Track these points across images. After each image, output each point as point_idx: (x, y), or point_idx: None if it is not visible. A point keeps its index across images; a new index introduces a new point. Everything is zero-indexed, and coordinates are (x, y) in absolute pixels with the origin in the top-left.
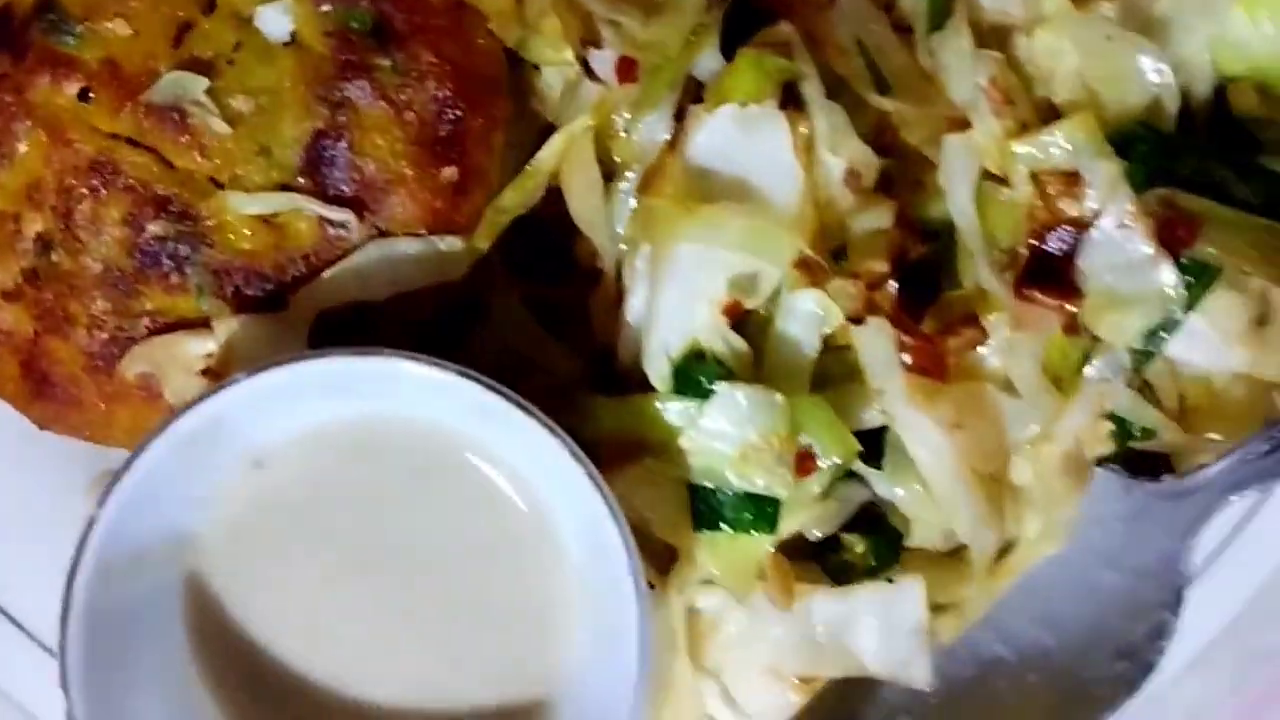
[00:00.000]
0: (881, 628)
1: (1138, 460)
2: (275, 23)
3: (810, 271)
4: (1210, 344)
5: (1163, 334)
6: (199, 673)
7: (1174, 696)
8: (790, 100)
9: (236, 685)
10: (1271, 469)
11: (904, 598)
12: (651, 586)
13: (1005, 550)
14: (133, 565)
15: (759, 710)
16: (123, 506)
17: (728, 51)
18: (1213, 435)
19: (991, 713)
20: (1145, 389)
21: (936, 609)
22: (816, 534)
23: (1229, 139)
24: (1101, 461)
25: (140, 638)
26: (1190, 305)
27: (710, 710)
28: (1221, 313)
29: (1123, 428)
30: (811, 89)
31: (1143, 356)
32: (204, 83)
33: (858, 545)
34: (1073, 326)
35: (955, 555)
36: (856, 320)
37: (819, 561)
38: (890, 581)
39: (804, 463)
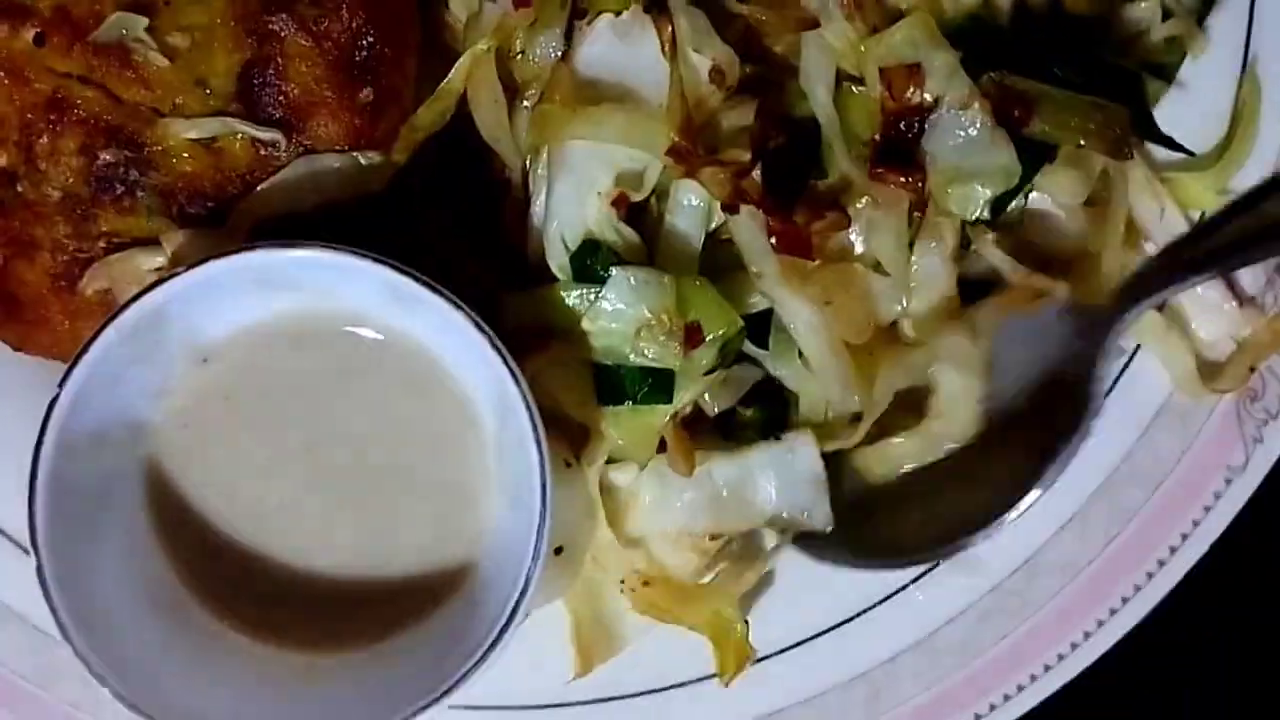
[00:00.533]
0: (780, 482)
1: None
2: None
3: (683, 158)
4: (1052, 219)
5: (1008, 203)
6: (159, 546)
7: (1048, 554)
8: (655, 4)
9: (194, 559)
10: (1164, 283)
11: (797, 452)
12: (568, 464)
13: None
14: (93, 445)
15: (679, 569)
16: (79, 389)
17: None
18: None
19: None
20: None
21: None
22: (715, 409)
23: (1065, 35)
24: None
25: (104, 512)
26: (1028, 179)
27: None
28: (1060, 188)
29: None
30: None
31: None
32: (144, 21)
33: (748, 413)
34: (923, 203)
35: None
36: (731, 209)
37: (720, 433)
38: (779, 439)
39: (692, 336)
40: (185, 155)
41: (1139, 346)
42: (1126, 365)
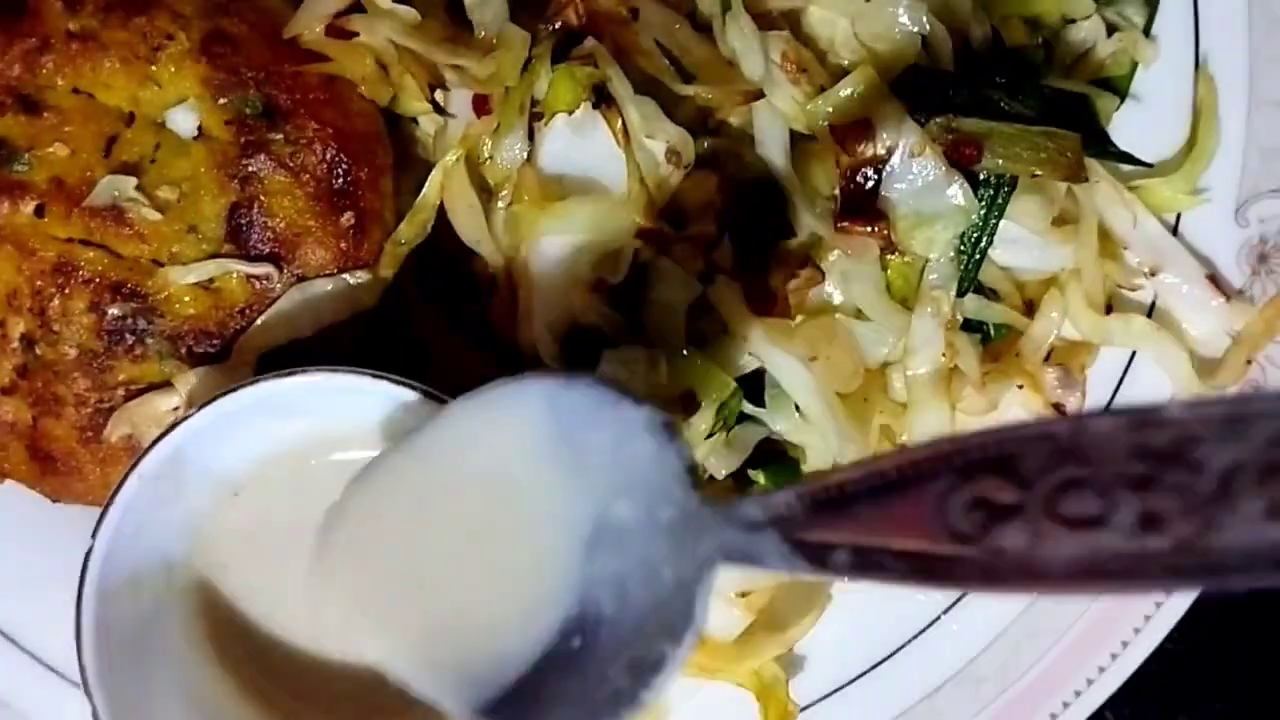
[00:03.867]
0: None
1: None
2: (184, 121)
3: (652, 239)
4: (1029, 244)
5: (975, 239)
6: (208, 668)
7: None
8: (604, 99)
9: (248, 673)
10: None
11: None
12: None
13: None
14: (131, 588)
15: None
16: (111, 539)
17: None
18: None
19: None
20: (991, 295)
21: None
22: (723, 471)
23: (1009, 68)
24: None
25: (150, 646)
26: (998, 213)
27: None
28: (1028, 214)
29: (982, 329)
30: (618, 88)
31: (968, 264)
32: (133, 180)
33: (760, 478)
34: (889, 247)
35: None
36: (706, 280)
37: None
38: None
39: (687, 404)
40: (186, 299)
41: (1134, 354)
42: (1125, 371)
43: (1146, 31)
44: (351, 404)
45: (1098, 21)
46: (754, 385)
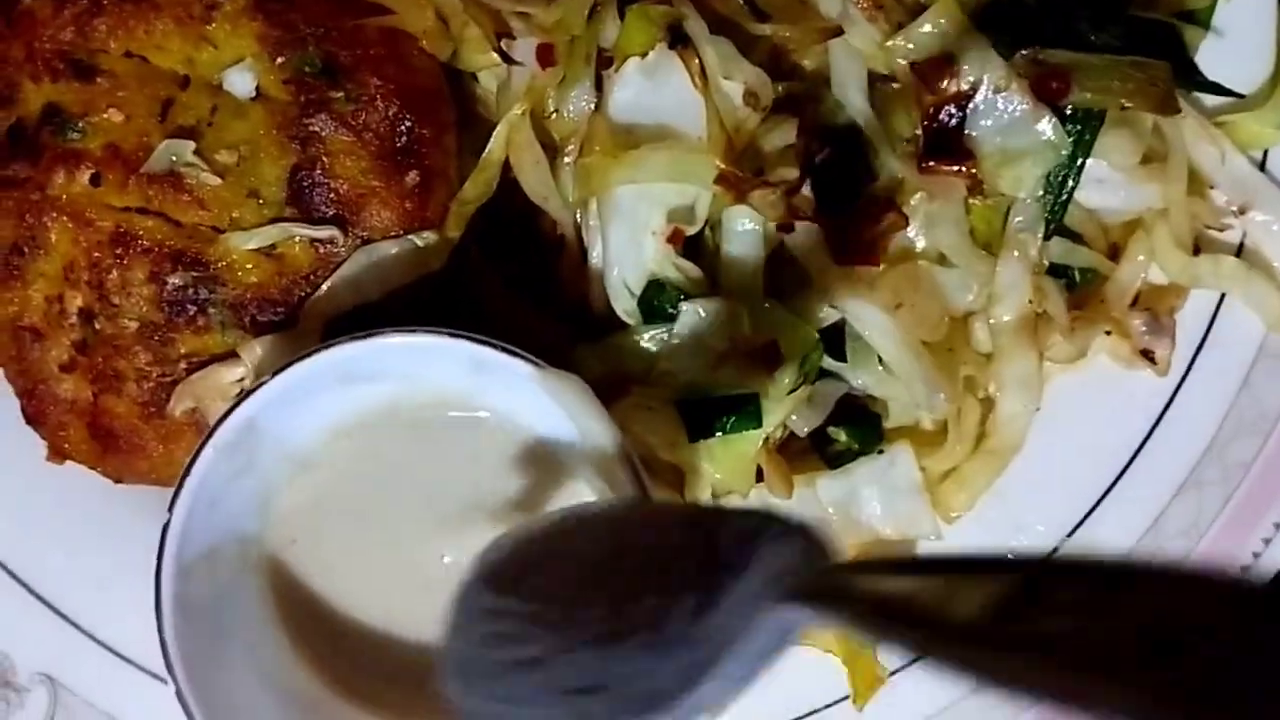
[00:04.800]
0: (882, 494)
1: None
2: (241, 83)
3: (731, 185)
4: (1115, 184)
5: (1063, 177)
6: (286, 645)
7: (1169, 519)
8: (680, 40)
9: (322, 651)
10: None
11: (896, 463)
12: None
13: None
14: (208, 563)
15: None
16: (187, 513)
17: None
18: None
19: None
20: (1075, 239)
21: (940, 479)
22: (805, 429)
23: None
24: None
25: (228, 622)
26: (1087, 150)
27: None
28: (1116, 151)
29: (1067, 274)
30: (694, 26)
31: (1054, 205)
32: (191, 145)
33: (842, 434)
34: (976, 187)
35: (940, 430)
36: (787, 228)
37: (817, 453)
38: (880, 453)
39: (771, 357)
40: (249, 266)
41: (1223, 296)
42: (1215, 314)
43: None
44: (428, 365)
45: None
46: (835, 338)
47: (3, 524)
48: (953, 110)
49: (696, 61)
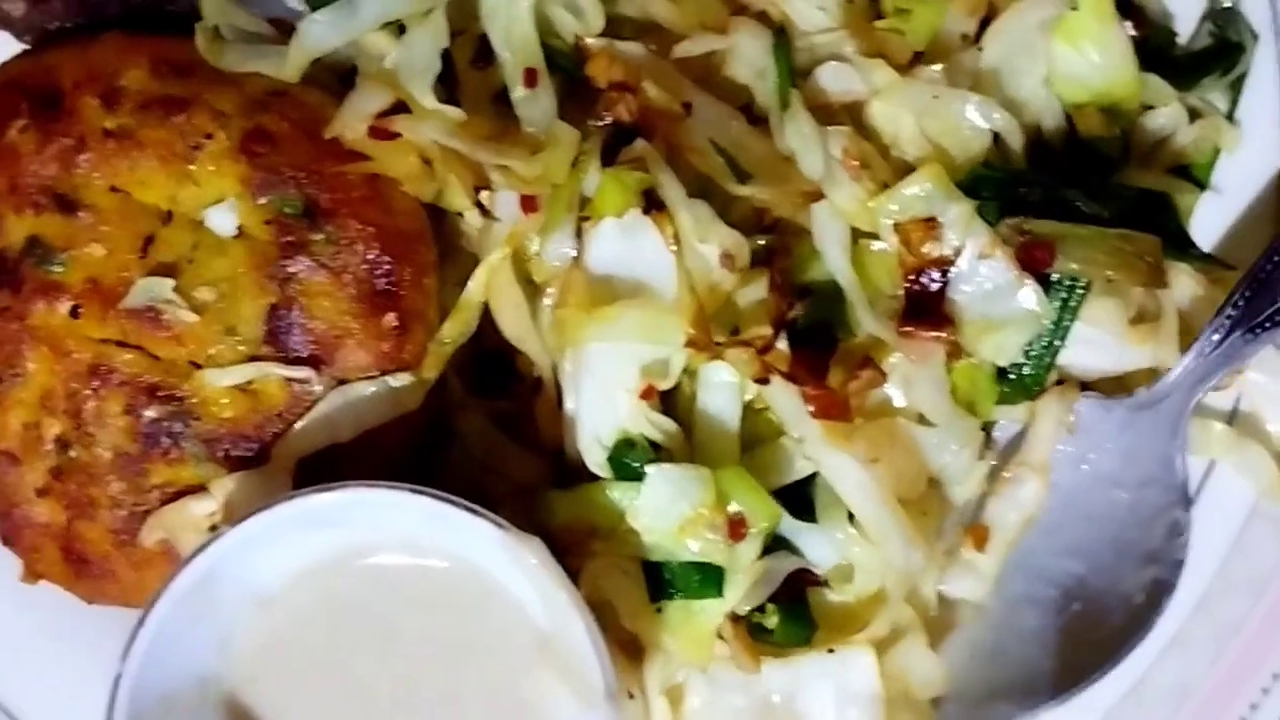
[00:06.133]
0: (837, 697)
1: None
2: (222, 221)
3: (702, 348)
4: (1106, 345)
5: (1045, 343)
6: None
7: (1157, 677)
8: (655, 205)
9: None
10: (1227, 355)
11: (855, 666)
12: (631, 696)
13: None
14: (162, 707)
15: None
16: (143, 658)
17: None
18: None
19: (1044, 647)
20: None
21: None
22: (746, 606)
23: (1084, 161)
24: (1083, 387)
25: None
26: (1072, 316)
27: None
28: (1104, 316)
29: None
30: (669, 192)
31: (1038, 369)
32: (170, 283)
33: (774, 616)
34: (956, 353)
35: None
36: (763, 382)
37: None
38: (831, 651)
39: (735, 528)
40: (224, 402)
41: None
42: (1205, 478)
43: (1230, 117)
44: (388, 516)
45: (1179, 107)
46: (802, 497)
47: None
48: (934, 274)
49: (670, 228)
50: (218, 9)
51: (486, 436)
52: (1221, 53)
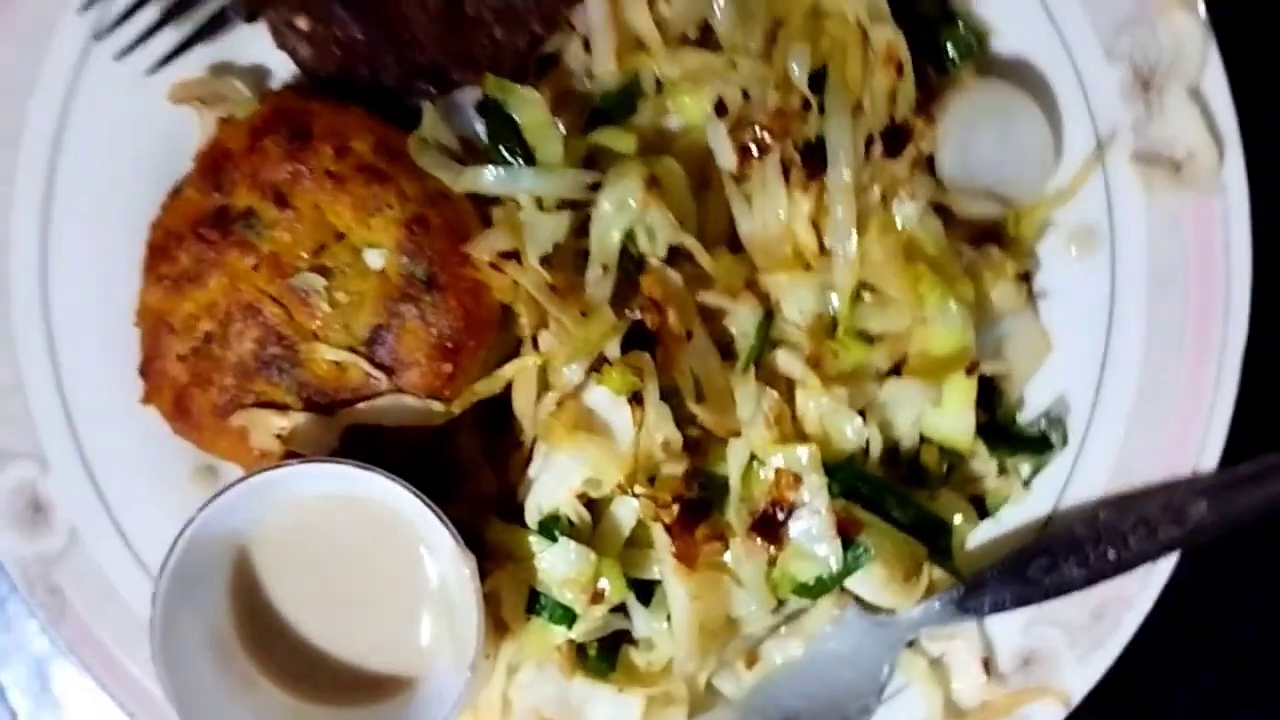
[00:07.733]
0: (611, 713)
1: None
2: (374, 259)
3: (625, 489)
4: (872, 586)
5: (832, 578)
6: (231, 619)
7: None
8: (636, 400)
9: (255, 632)
10: (942, 617)
11: (628, 707)
12: (487, 656)
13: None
14: (207, 543)
15: None
16: (208, 513)
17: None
18: None
19: None
20: None
21: None
22: (579, 639)
23: (912, 479)
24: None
25: (200, 586)
26: (855, 569)
27: None
28: (876, 575)
29: None
30: (649, 395)
31: (823, 589)
32: (322, 281)
33: (592, 649)
34: (774, 562)
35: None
36: (653, 520)
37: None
38: (619, 691)
39: (597, 596)
40: (323, 366)
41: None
42: (899, 692)
43: (1026, 484)
44: (379, 488)
45: (993, 462)
46: (647, 588)
47: None
48: (783, 510)
49: (639, 415)
50: (433, 125)
51: (472, 459)
52: (1040, 444)
